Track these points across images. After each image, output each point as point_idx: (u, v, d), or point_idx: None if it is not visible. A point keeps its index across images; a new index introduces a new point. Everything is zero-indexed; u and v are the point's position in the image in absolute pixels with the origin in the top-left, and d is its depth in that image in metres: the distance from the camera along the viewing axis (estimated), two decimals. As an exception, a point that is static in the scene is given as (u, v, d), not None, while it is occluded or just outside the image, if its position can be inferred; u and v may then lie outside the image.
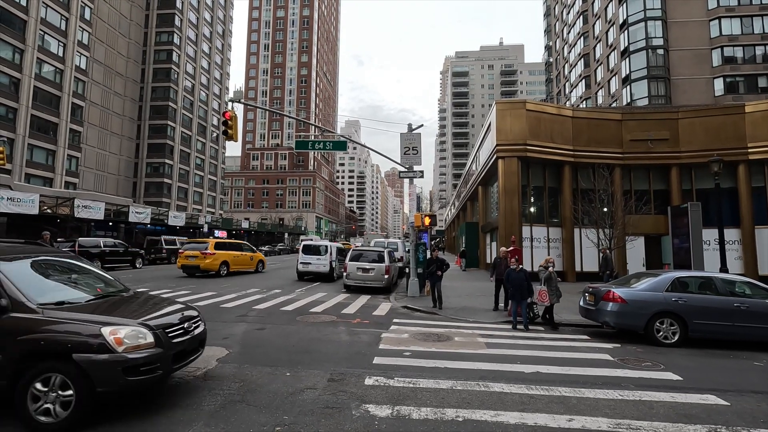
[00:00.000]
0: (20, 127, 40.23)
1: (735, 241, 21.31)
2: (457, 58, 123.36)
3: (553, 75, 72.86)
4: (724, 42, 41.42)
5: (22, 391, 3.94)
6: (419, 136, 15.79)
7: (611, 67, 48.32)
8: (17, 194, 25.34)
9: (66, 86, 45.36)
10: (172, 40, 63.82)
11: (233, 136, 13.96)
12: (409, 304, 12.79)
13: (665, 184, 22.56)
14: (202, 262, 19.69)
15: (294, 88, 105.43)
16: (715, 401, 5.26)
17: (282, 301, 12.78)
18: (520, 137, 21.33)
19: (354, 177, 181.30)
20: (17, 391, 3.96)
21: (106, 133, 56.47)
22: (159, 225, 38.27)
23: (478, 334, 8.90)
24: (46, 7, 42.92)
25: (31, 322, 4.07)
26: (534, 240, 21.78)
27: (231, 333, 8.39)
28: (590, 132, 22.15)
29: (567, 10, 63.08)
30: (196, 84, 69.83)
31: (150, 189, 62.51)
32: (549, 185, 22.65)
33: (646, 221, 20.02)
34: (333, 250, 19.93)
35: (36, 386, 3.96)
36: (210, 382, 5.45)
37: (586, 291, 9.87)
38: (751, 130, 21.21)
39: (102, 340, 4.04)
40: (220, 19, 78.30)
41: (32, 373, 3.96)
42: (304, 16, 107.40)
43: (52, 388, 3.97)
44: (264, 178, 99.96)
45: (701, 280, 9.11)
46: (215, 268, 19.93)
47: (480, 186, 29.32)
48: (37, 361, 4.00)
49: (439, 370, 6.17)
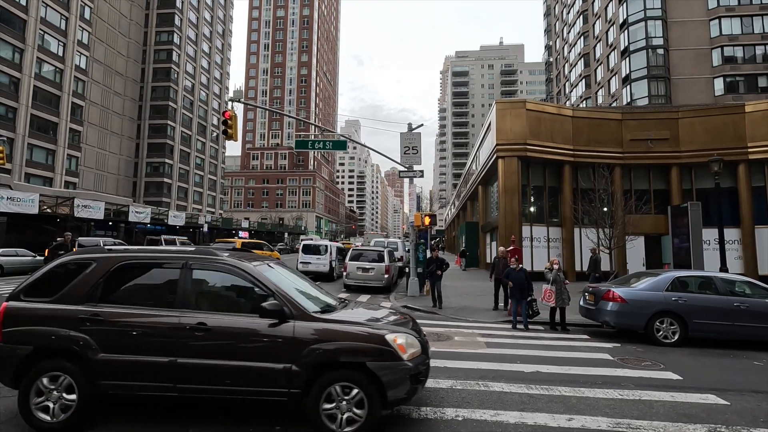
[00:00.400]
0: (20, 127, 40.22)
1: (735, 240, 21.30)
2: (457, 57, 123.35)
3: (553, 75, 72.85)
4: (724, 42, 41.40)
5: (314, 399, 3.85)
6: (419, 136, 15.79)
7: (611, 66, 48.30)
8: (17, 194, 25.33)
9: (66, 86, 45.35)
10: (172, 40, 63.80)
11: (233, 136, 13.95)
12: (409, 303, 12.79)
13: (665, 184, 22.55)
14: None
15: (294, 87, 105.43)
16: (715, 401, 5.26)
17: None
18: (520, 137, 21.32)
19: (354, 177, 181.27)
20: (310, 398, 3.85)
21: (106, 132, 56.47)
22: (159, 224, 38.29)
23: (478, 334, 8.90)
24: (45, 6, 42.90)
25: (316, 329, 3.99)
26: (534, 240, 21.77)
27: (231, 332, 8.36)
28: (590, 132, 22.14)
29: (567, 9, 63.06)
30: (196, 83, 69.83)
31: (150, 188, 62.52)
32: (549, 185, 22.65)
33: (646, 221, 20.01)
34: (333, 250, 19.94)
35: (331, 392, 3.88)
36: (210, 381, 5.42)
37: (586, 291, 9.87)
38: (751, 130, 21.20)
39: (389, 347, 3.96)
40: (220, 19, 78.29)
41: (322, 382, 3.87)
42: (304, 15, 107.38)
43: (345, 396, 3.87)
44: (264, 177, 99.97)
45: (701, 280, 9.12)
46: None
47: (480, 185, 29.32)
48: (329, 370, 3.90)
49: (439, 370, 6.16)
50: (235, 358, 3.92)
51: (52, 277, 4.30)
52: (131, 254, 4.45)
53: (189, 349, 3.93)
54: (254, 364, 3.90)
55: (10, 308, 4.12)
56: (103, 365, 3.92)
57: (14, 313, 4.10)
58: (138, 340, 3.97)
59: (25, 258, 20.92)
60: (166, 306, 4.11)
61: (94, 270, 4.22)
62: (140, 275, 4.40)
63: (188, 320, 3.99)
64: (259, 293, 4.16)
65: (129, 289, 4.31)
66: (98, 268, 4.23)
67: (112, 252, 4.44)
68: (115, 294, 4.20)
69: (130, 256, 4.40)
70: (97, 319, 4.00)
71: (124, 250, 4.63)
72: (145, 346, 3.95)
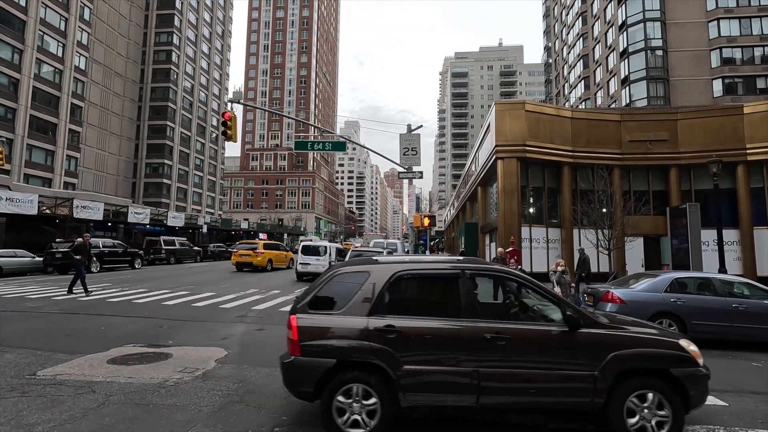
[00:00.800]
0: (19, 128, 40.20)
1: (734, 241, 21.32)
2: (457, 58, 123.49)
3: (552, 76, 72.95)
4: (722, 43, 41.49)
5: (617, 408, 3.85)
6: (418, 137, 15.82)
7: (610, 68, 48.38)
8: (16, 194, 25.30)
9: (65, 86, 45.34)
10: (172, 41, 63.83)
11: (232, 137, 13.97)
12: (408, 304, 12.77)
13: (664, 185, 22.57)
14: (254, 260, 23.82)
15: (293, 88, 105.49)
16: (713, 401, 5.25)
17: (281, 302, 12.77)
18: (519, 138, 21.33)
19: (353, 177, 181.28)
20: (612, 406, 3.85)
21: (105, 133, 56.44)
22: (158, 225, 38.23)
23: (477, 335, 8.89)
24: (45, 7, 42.92)
25: (611, 336, 3.98)
26: (533, 241, 21.77)
27: (230, 333, 8.38)
28: (589, 133, 22.16)
29: (566, 11, 63.16)
30: (195, 84, 69.83)
31: (149, 189, 62.49)
32: (548, 186, 22.66)
33: (645, 222, 20.03)
34: (332, 251, 19.96)
35: (633, 400, 3.87)
36: (209, 382, 5.43)
37: (584, 291, 9.89)
38: (750, 131, 21.23)
39: (686, 353, 3.97)
40: (220, 20, 78.33)
41: (625, 389, 3.86)
42: (303, 16, 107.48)
43: (650, 404, 3.87)
44: (263, 178, 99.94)
45: (700, 281, 9.12)
46: (264, 264, 23.98)
47: (479, 186, 29.32)
48: (630, 377, 3.89)
49: (438, 371, 6.16)
50: (538, 368, 3.89)
51: (332, 290, 4.27)
52: (406, 265, 4.41)
53: (491, 359, 3.90)
54: (557, 373, 3.89)
55: (303, 322, 4.09)
56: (404, 377, 3.88)
57: (309, 327, 4.06)
58: (438, 351, 3.95)
59: (24, 259, 20.88)
60: (453, 315, 4.08)
61: (373, 282, 4.20)
62: (418, 285, 4.44)
63: (484, 330, 3.95)
64: (540, 300, 4.22)
65: (410, 300, 4.34)
66: (376, 280, 4.21)
67: (386, 263, 4.44)
68: (398, 305, 4.18)
69: (405, 267, 4.36)
70: (393, 330, 3.96)
71: (398, 261, 4.60)
72: (446, 357, 3.92)
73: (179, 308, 11.21)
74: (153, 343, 7.37)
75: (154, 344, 7.33)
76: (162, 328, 8.73)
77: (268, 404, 4.77)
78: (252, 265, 23.80)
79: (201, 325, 9.17)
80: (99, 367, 5.98)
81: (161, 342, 7.51)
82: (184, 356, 6.60)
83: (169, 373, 5.72)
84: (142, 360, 6.35)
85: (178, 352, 6.80)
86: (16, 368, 5.87)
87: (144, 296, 13.24)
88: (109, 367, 5.96)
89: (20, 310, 10.59)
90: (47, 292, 13.74)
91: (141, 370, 5.88)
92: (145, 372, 5.78)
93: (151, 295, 13.41)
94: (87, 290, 13.18)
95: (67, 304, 11.41)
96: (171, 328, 8.75)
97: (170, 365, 6.11)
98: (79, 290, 13.25)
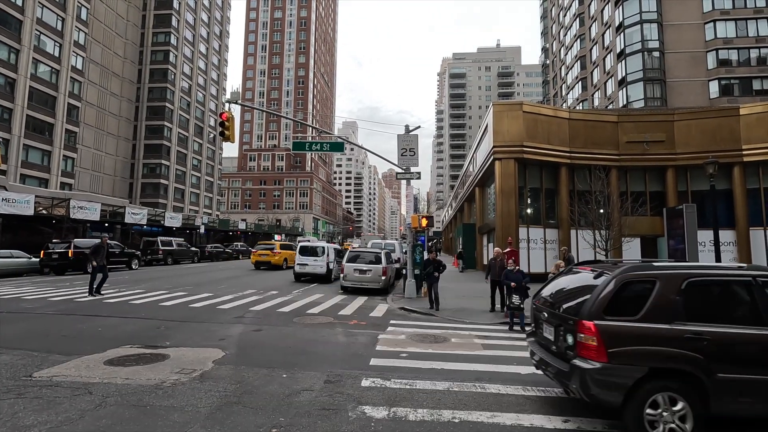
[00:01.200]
0: (15, 128, 40.03)
1: (730, 242, 21.43)
2: (455, 59, 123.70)
3: (549, 77, 73.13)
4: (719, 45, 41.69)
5: None
6: (416, 138, 15.81)
7: (607, 69, 48.54)
8: (12, 195, 25.17)
9: (62, 86, 45.18)
10: (169, 41, 63.68)
11: (230, 137, 13.94)
12: (406, 305, 12.78)
13: (661, 186, 22.67)
14: (272, 259, 26.23)
15: (291, 89, 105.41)
16: None
17: (279, 303, 12.75)
18: (517, 139, 21.39)
19: (351, 178, 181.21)
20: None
21: (102, 133, 56.26)
22: (155, 226, 38.10)
23: (475, 336, 8.91)
24: (42, 7, 42.76)
25: None
26: (531, 241, 21.82)
27: (227, 334, 8.36)
28: (587, 134, 22.25)
29: (564, 12, 63.36)
30: (192, 85, 69.68)
31: (146, 190, 62.29)
32: (546, 187, 22.72)
33: (642, 223, 20.12)
34: (330, 252, 19.92)
35: None
36: (206, 383, 5.42)
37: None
38: (746, 133, 21.36)
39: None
40: (218, 20, 78.21)
41: None
42: (301, 17, 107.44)
43: None
44: (261, 179, 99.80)
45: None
46: (281, 263, 26.30)
47: (477, 187, 29.38)
48: None
49: (436, 372, 6.17)
50: None
51: (622, 295, 4.20)
52: (696, 271, 4.39)
53: None
54: None
55: (605, 327, 4.04)
56: (717, 386, 3.91)
57: (613, 333, 4.03)
58: (748, 358, 4.00)
59: (20, 259, 20.77)
60: (755, 323, 4.08)
61: (664, 288, 4.18)
62: (710, 291, 4.38)
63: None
64: None
65: (704, 306, 4.27)
66: (667, 286, 4.18)
67: (676, 269, 4.41)
68: (694, 311, 4.13)
69: (696, 272, 4.35)
70: (702, 338, 3.96)
71: (686, 266, 4.57)
72: (756, 365, 3.97)
73: (177, 309, 11.19)
74: (150, 344, 7.35)
75: (152, 345, 7.30)
76: (159, 329, 8.70)
77: (266, 405, 4.76)
78: (270, 263, 26.07)
79: (198, 326, 9.14)
80: (96, 368, 5.96)
81: (158, 343, 7.48)
82: (181, 357, 6.58)
83: (166, 374, 5.71)
84: (139, 361, 6.33)
85: (175, 353, 6.78)
86: (12, 369, 5.83)
87: (141, 297, 13.20)
88: (106, 369, 5.94)
89: (16, 311, 10.54)
90: (43, 293, 13.69)
91: (138, 371, 5.87)
92: (143, 373, 5.76)
93: (148, 296, 13.37)
94: (92, 292, 13.23)
95: (64, 305, 11.37)
96: (168, 329, 8.73)
97: (167, 366, 6.09)
98: (108, 291, 13.42)
